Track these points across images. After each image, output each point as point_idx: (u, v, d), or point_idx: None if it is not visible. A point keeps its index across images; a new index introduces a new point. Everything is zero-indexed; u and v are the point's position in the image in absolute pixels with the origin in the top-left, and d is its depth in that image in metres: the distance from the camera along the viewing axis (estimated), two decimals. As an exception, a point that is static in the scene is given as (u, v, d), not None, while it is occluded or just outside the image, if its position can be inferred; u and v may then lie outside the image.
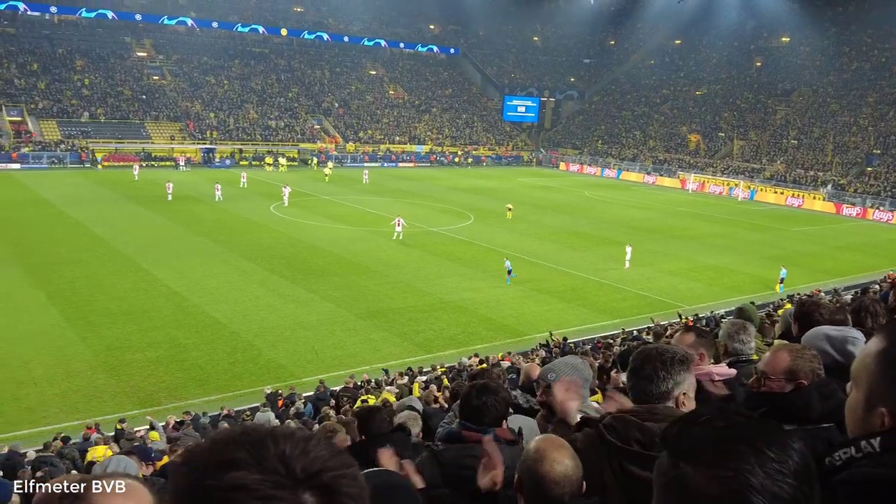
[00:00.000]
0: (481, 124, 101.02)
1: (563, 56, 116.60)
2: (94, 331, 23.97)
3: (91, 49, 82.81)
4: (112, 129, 73.06)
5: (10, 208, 43.49)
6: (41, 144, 67.13)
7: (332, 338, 24.93)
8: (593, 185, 75.74)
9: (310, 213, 47.66)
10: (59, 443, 14.65)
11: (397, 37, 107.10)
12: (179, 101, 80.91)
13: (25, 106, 71.26)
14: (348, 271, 33.28)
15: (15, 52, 77.47)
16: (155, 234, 38.78)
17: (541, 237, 44.01)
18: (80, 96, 75.39)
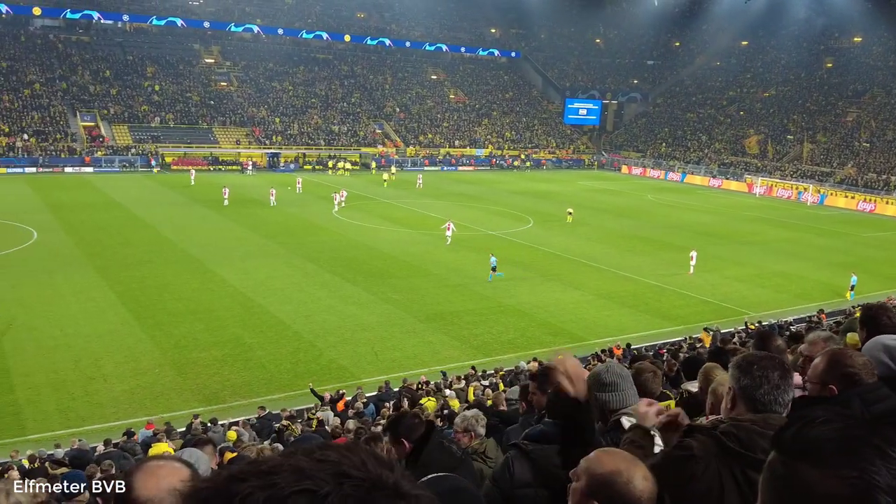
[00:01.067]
0: (542, 127, 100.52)
1: (625, 58, 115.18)
2: (163, 329, 24.70)
3: (161, 56, 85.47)
4: (181, 133, 75.25)
5: (83, 210, 45.16)
6: (113, 149, 69.58)
7: (392, 339, 25.13)
8: (656, 188, 74.55)
9: (370, 216, 48.16)
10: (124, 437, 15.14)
11: (458, 41, 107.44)
12: (246, 107, 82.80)
13: (98, 111, 74.00)
14: (407, 274, 33.50)
15: (89, 60, 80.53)
16: (221, 236, 39.74)
17: (602, 241, 43.53)
18: (150, 102, 77.87)
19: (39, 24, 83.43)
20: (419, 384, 19.42)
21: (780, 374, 2.82)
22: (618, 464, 2.34)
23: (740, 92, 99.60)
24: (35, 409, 18.72)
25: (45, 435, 17.23)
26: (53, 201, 48.14)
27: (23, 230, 38.61)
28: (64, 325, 24.48)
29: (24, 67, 75.52)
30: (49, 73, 76.49)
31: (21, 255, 33.64)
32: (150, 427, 16.47)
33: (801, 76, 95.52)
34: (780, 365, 2.86)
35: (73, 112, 72.99)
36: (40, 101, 72.16)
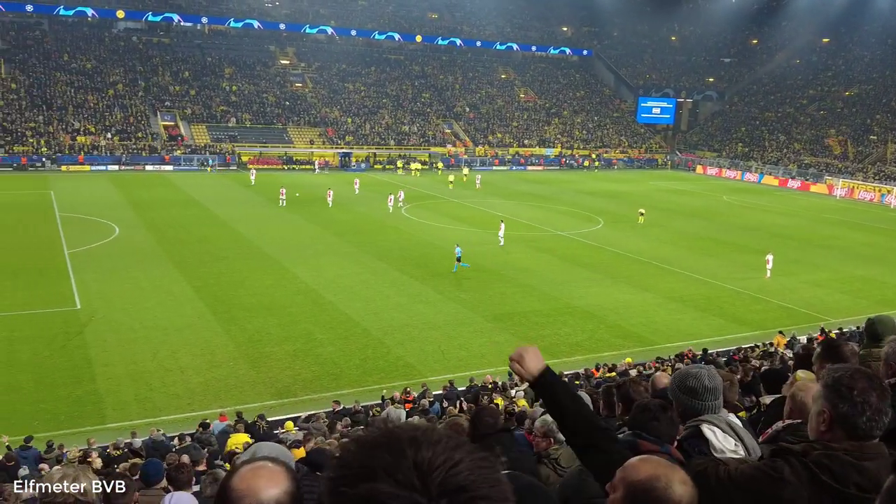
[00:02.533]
0: (613, 126, 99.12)
1: (701, 56, 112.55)
2: (237, 324, 25.36)
3: (238, 57, 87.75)
4: (257, 133, 77.11)
5: (163, 207, 46.73)
6: (191, 148, 71.81)
7: (459, 338, 25.19)
8: (732, 189, 72.60)
9: (438, 215, 48.37)
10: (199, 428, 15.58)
11: (529, 40, 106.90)
12: (319, 107, 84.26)
13: (178, 111, 76.49)
14: (476, 273, 33.49)
15: (169, 61, 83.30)
16: (294, 233, 40.54)
17: (675, 243, 42.65)
18: (227, 102, 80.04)
19: (123, 27, 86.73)
20: (486, 384, 19.40)
21: (879, 396, 2.67)
22: (655, 469, 2.25)
23: (821, 91, 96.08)
24: (115, 399, 19.46)
25: (124, 424, 17.88)
26: (134, 198, 49.98)
27: (105, 225, 40.21)
28: (143, 318, 25.38)
29: (107, 68, 78.66)
30: (131, 74, 79.44)
31: (103, 249, 35.04)
32: (224, 419, 16.91)
33: (886, 74, 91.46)
34: (877, 385, 2.71)
35: (154, 112, 75.63)
36: (123, 102, 75.02)
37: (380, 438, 1.17)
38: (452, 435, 1.20)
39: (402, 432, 1.18)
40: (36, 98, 71.50)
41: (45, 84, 73.81)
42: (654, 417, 3.59)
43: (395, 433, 1.18)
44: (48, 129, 68.37)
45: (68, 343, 22.91)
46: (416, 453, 1.12)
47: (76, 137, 68.29)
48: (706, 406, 3.57)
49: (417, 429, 1.22)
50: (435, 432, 1.20)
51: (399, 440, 1.15)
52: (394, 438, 1.16)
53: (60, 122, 69.61)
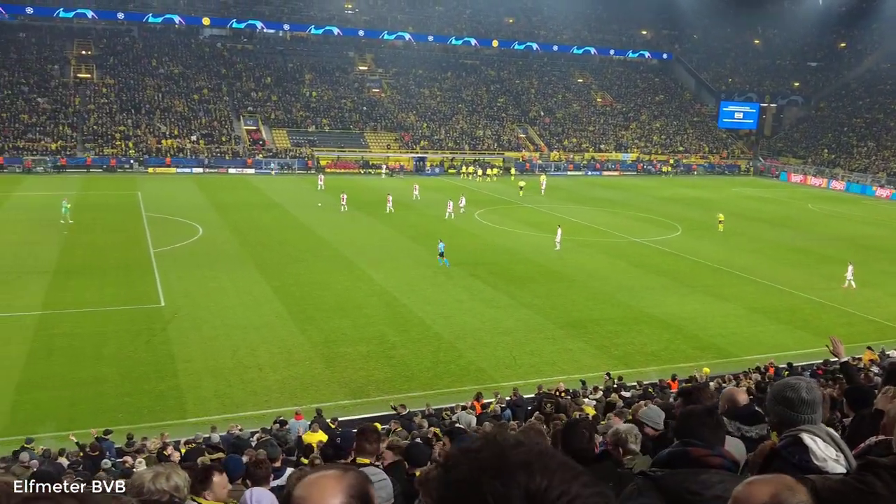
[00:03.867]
0: (693, 131, 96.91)
1: (786, 59, 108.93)
2: (314, 324, 25.87)
3: (318, 63, 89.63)
4: (335, 138, 78.55)
5: (244, 209, 48.07)
6: (272, 152, 73.71)
7: (530, 345, 25.04)
8: (817, 197, 69.97)
9: (511, 220, 48.24)
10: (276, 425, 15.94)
11: (607, 43, 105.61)
12: (395, 113, 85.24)
13: (260, 116, 78.63)
14: (548, 279, 33.27)
15: (252, 67, 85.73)
16: (370, 236, 41.10)
17: (756, 252, 41.39)
18: (307, 108, 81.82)
19: (208, 34, 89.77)
20: (557, 391, 19.23)
21: None
22: (776, 489, 2.05)
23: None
24: (195, 394, 20.11)
25: (203, 419, 18.47)
26: (217, 200, 51.59)
27: (189, 226, 41.64)
28: (224, 317, 26.17)
29: (193, 74, 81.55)
30: (216, 79, 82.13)
31: (187, 249, 36.30)
32: (300, 417, 17.25)
33: None
34: None
35: (237, 116, 77.96)
36: (208, 106, 77.62)
37: (490, 459, 1.10)
38: (569, 462, 1.13)
39: (516, 454, 1.11)
40: (125, 102, 74.69)
41: (134, 89, 77.02)
42: (700, 423, 3.50)
43: (508, 454, 1.11)
44: (136, 132, 71.29)
45: (152, 339, 23.81)
46: (530, 481, 1.06)
47: (163, 141, 71.02)
48: (802, 419, 3.45)
49: (532, 452, 1.13)
50: (551, 457, 1.13)
51: (511, 464, 1.09)
52: (505, 461, 1.09)
53: (148, 125, 72.49)
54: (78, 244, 36.52)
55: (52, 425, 18.02)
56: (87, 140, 69.01)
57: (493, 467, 1.09)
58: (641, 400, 16.79)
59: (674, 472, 3.14)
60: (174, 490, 3.26)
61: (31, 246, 35.54)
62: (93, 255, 34.42)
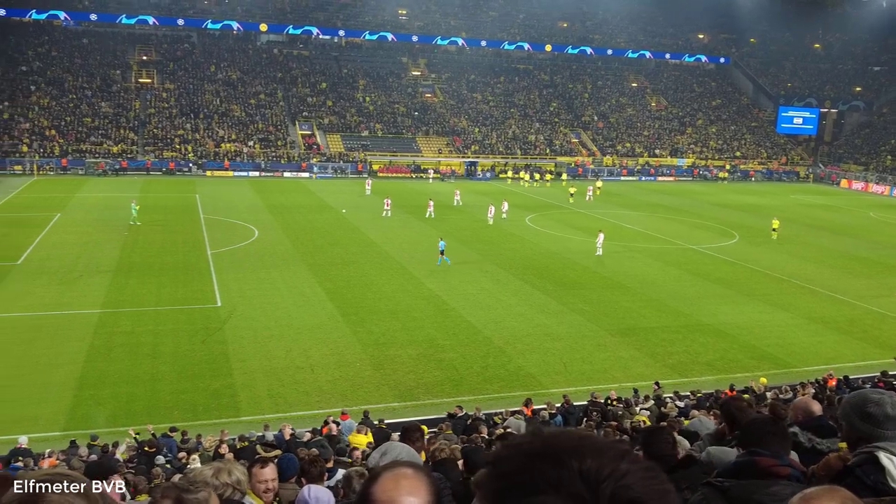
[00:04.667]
0: (751, 137, 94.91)
1: (847, 63, 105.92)
2: (364, 326, 26.06)
3: (372, 69, 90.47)
4: (387, 143, 79.17)
5: (298, 212, 48.74)
6: (326, 156, 74.62)
7: (581, 351, 24.79)
8: (880, 205, 67.77)
9: (563, 225, 47.88)
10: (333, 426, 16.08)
11: (662, 48, 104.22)
12: (447, 117, 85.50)
13: (315, 121, 79.69)
14: (600, 285, 32.91)
15: (308, 73, 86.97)
16: (420, 240, 41.26)
17: (815, 260, 40.28)
18: (361, 113, 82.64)
19: (265, 40, 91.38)
20: (609, 399, 18.99)
21: None
22: None
23: None
24: (249, 393, 20.43)
25: (257, 417, 18.75)
26: (273, 203, 52.42)
27: (246, 228, 42.39)
28: (278, 317, 26.54)
29: (250, 79, 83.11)
30: (272, 84, 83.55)
31: (243, 251, 36.95)
32: (346, 417, 17.37)
33: None
34: None
35: (293, 121, 79.16)
36: (264, 111, 79.01)
37: (538, 448, 1.12)
38: (615, 443, 1.15)
39: (562, 441, 1.13)
40: (185, 107, 76.52)
41: (194, 94, 78.86)
42: (767, 432, 3.37)
43: (555, 442, 1.13)
44: (195, 136, 72.98)
45: (209, 338, 24.28)
46: (581, 463, 1.07)
47: (221, 144, 72.51)
48: (885, 435, 3.26)
49: (578, 437, 1.16)
50: (597, 440, 1.15)
51: (560, 449, 1.11)
52: (553, 447, 1.11)
53: (207, 129, 74.12)
54: (137, 245, 37.50)
55: (110, 421, 18.51)
56: (148, 143, 70.88)
57: (542, 454, 1.11)
58: (695, 409, 16.48)
59: (742, 483, 3.04)
60: (236, 484, 3.30)
61: (92, 246, 36.62)
62: (152, 255, 35.30)
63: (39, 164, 64.39)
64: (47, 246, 36.34)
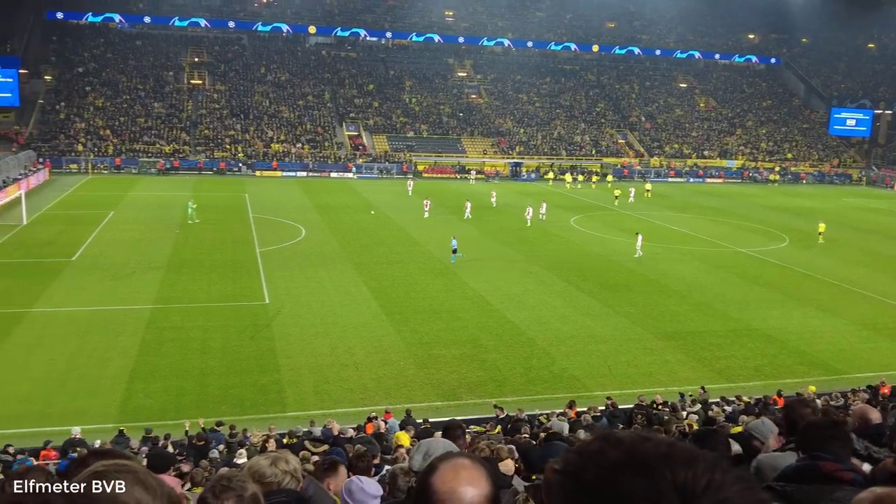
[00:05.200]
0: (802, 139, 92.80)
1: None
2: (408, 325, 26.19)
3: (418, 70, 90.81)
4: (433, 144, 79.40)
5: (344, 212, 49.19)
6: (371, 157, 75.15)
7: (626, 354, 24.53)
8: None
9: (609, 227, 47.44)
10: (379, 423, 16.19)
11: (712, 48, 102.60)
12: (493, 118, 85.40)
13: (361, 122, 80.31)
14: (646, 288, 32.53)
15: (355, 75, 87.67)
16: (463, 240, 41.29)
17: (867, 265, 39.22)
18: (407, 114, 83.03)
19: (314, 42, 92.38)
20: (654, 403, 18.76)
21: None
22: None
23: None
24: (295, 389, 20.70)
25: (302, 413, 18.97)
26: (320, 202, 53.00)
27: (293, 227, 42.94)
28: (324, 315, 26.83)
29: (299, 81, 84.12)
30: (320, 86, 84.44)
31: (292, 249, 37.44)
32: (389, 416, 17.47)
33: None
34: None
35: (340, 122, 79.90)
36: (312, 112, 79.91)
37: (621, 457, 1.02)
38: (705, 452, 1.05)
39: (647, 449, 1.03)
40: (235, 108, 77.81)
41: (244, 95, 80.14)
42: (828, 436, 3.30)
43: (639, 450, 1.03)
44: (245, 136, 74.15)
45: (257, 335, 24.66)
46: (675, 474, 0.98)
47: (270, 145, 73.57)
48: None
49: (667, 444, 1.06)
50: (686, 447, 1.05)
51: (647, 459, 1.01)
52: (639, 456, 1.01)
53: (256, 130, 75.25)
54: (188, 242, 38.27)
55: (160, 414, 18.93)
56: (199, 144, 72.26)
57: (627, 465, 1.01)
58: (742, 415, 16.19)
59: (804, 488, 2.97)
60: (293, 472, 3.37)
61: (145, 243, 37.48)
62: (202, 253, 35.98)
63: (94, 163, 66.16)
64: (101, 243, 37.31)
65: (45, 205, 47.74)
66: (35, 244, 36.63)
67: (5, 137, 65.69)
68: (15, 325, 24.69)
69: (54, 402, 19.24)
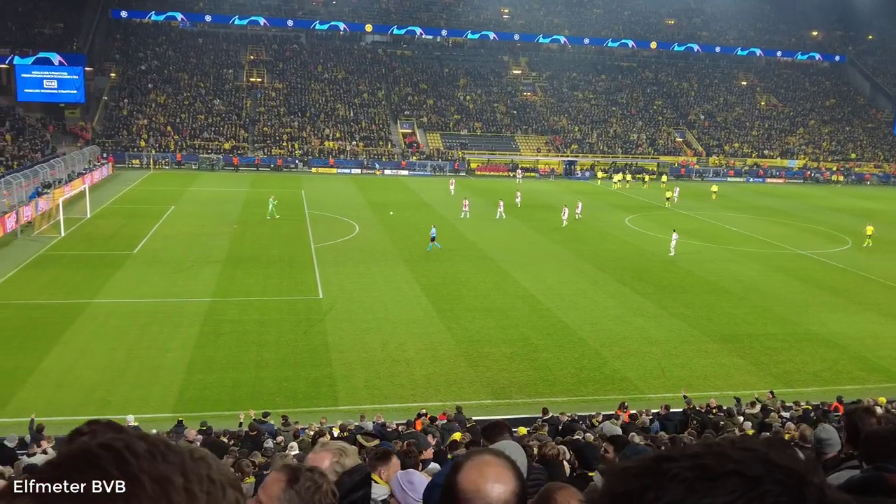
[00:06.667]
0: (867, 139, 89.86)
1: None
2: (459, 323, 26.22)
3: (473, 68, 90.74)
4: (486, 141, 79.30)
5: (398, 209, 49.44)
6: (424, 154, 75.42)
7: (680, 357, 24.13)
8: None
9: (664, 226, 46.64)
10: (426, 420, 16.26)
11: (774, 45, 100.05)
12: (547, 116, 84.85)
13: (415, 120, 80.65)
14: (702, 290, 31.95)
15: (410, 73, 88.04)
16: (515, 238, 41.17)
17: (937, 270, 37.76)
18: (461, 111, 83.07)
19: (370, 40, 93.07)
20: (708, 407, 18.41)
21: None
22: None
23: None
24: (347, 384, 20.93)
25: (354, 407, 19.19)
26: (373, 199, 53.42)
27: (347, 224, 43.39)
28: (376, 311, 27.06)
29: (355, 79, 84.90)
30: (375, 83, 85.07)
31: (345, 245, 37.84)
32: (443, 417, 17.49)
33: None
34: None
35: (394, 120, 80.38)
36: (367, 110, 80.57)
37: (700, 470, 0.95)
38: (807, 457, 0.99)
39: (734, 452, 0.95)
40: (292, 105, 78.95)
41: (301, 93, 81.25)
42: (895, 446, 3.18)
43: (730, 454, 0.96)
44: (301, 134, 75.18)
45: (310, 329, 25.00)
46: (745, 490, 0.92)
47: (325, 142, 74.46)
48: None
49: (769, 441, 1.00)
50: (785, 446, 0.99)
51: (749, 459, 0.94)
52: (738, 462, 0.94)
53: (313, 128, 76.24)
54: (246, 237, 39.00)
55: (216, 405, 19.34)
56: (257, 141, 73.56)
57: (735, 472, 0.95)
58: (800, 422, 15.77)
59: (868, 501, 2.78)
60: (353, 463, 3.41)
61: (204, 238, 38.33)
62: (259, 248, 36.63)
63: (156, 159, 67.95)
64: (161, 237, 38.29)
65: (108, 199, 49.22)
66: (98, 237, 37.79)
67: (71, 133, 67.96)
68: (78, 315, 25.51)
69: (115, 391, 19.82)
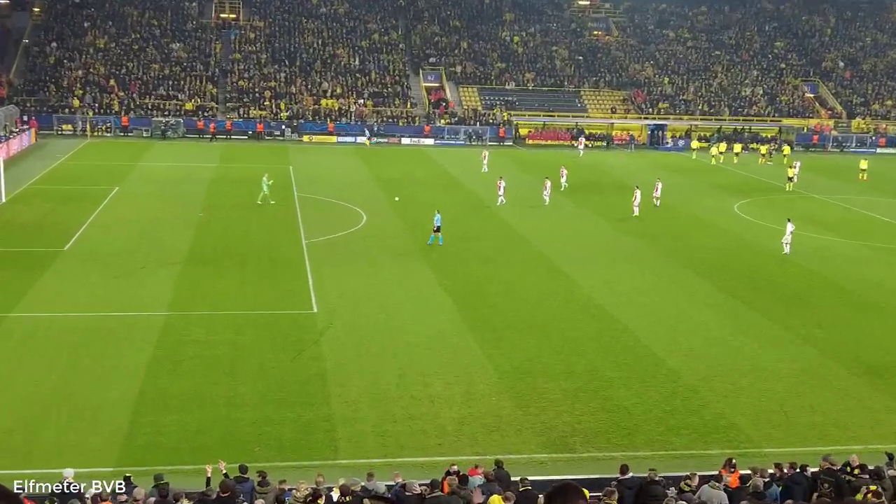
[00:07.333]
0: None
1: None
2: (500, 345, 26.20)
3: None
4: (541, 99, 79.25)
5: (420, 190, 49.58)
6: (457, 117, 75.28)
7: (810, 396, 23.88)
8: None
9: (786, 214, 46.21)
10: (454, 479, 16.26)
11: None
12: (626, 63, 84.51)
13: (444, 69, 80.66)
14: (840, 302, 31.64)
15: (437, 5, 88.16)
16: (577, 231, 41.12)
17: None
18: (506, 58, 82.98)
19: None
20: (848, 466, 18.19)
21: None
22: None
23: None
24: (350, 429, 20.97)
25: (359, 461, 19.22)
26: (387, 177, 53.86)
27: (351, 211, 43.68)
28: (390, 328, 27.14)
29: (362, 15, 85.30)
30: (390, 20, 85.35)
31: (347, 240, 38.12)
32: (474, 473, 17.47)
33: None
34: None
35: (416, 70, 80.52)
36: (379, 57, 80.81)
37: None
38: None
39: None
40: (277, 51, 79.50)
41: (290, 33, 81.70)
42: None
43: None
44: (289, 89, 75.66)
45: (301, 354, 25.14)
46: None
47: (322, 101, 74.77)
48: None
49: None
50: None
51: None
52: None
53: (304, 81, 76.64)
54: (215, 230, 39.41)
55: (174, 455, 19.50)
56: (230, 99, 74.11)
57: None
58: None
59: None
60: None
61: (159, 229, 38.76)
62: (233, 243, 36.97)
63: (94, 123, 68.75)
64: (102, 228, 38.80)
65: (29, 177, 49.98)
66: (16, 229, 38.39)
67: (-18, 89, 68.89)
68: (-8, 333, 25.94)
69: (39, 437, 20.03)
